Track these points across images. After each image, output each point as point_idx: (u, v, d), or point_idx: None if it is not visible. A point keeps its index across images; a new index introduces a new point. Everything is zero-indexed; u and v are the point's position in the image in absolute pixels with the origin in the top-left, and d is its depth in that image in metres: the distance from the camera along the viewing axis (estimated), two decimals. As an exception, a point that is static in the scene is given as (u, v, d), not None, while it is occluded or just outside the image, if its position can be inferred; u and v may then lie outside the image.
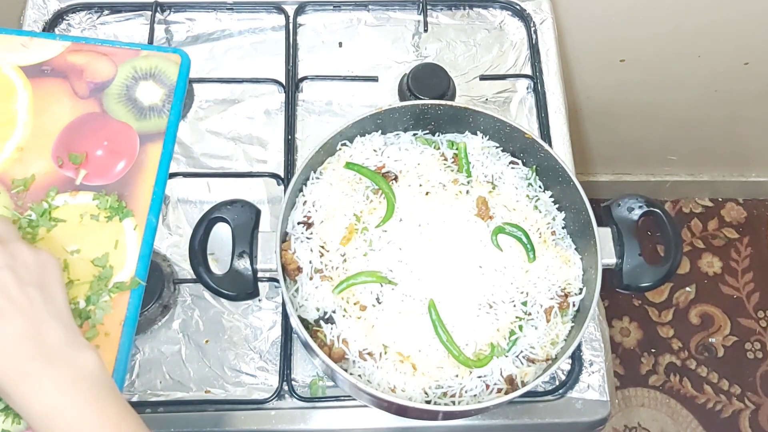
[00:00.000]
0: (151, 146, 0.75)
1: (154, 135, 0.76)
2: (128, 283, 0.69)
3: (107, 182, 0.73)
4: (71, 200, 0.72)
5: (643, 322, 1.90)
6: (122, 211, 0.72)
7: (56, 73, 0.77)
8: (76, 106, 0.76)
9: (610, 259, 0.82)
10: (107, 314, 0.68)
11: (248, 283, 0.79)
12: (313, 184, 0.86)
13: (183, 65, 0.79)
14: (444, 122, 0.90)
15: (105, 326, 0.68)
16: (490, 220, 0.84)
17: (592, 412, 0.90)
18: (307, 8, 1.12)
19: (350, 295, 0.80)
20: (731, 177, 1.95)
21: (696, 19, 1.30)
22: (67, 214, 0.72)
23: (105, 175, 0.74)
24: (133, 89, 0.77)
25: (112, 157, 0.75)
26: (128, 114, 0.76)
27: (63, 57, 0.78)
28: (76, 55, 0.78)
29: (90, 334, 0.67)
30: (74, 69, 0.78)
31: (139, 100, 0.77)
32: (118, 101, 0.77)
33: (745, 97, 1.55)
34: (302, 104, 1.07)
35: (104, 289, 0.69)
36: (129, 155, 0.75)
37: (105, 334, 0.68)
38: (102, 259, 0.70)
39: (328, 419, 0.89)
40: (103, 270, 0.70)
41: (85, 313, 0.68)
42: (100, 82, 0.77)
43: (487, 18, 1.14)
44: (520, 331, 0.80)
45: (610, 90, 1.51)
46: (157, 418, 0.87)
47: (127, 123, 0.76)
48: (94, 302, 0.68)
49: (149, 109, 0.77)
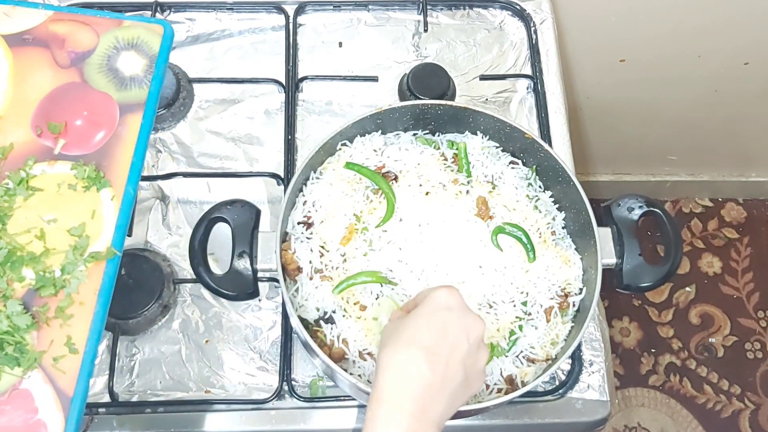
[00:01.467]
0: (131, 117, 0.75)
1: (134, 105, 0.75)
2: (104, 252, 0.70)
3: (86, 152, 0.73)
4: (49, 169, 0.73)
5: (643, 322, 1.90)
6: (100, 181, 0.72)
7: (38, 42, 0.77)
8: (57, 76, 0.76)
9: (610, 259, 0.82)
10: (82, 283, 0.69)
11: (248, 283, 0.79)
12: (313, 184, 0.86)
13: (165, 36, 0.79)
14: (444, 122, 0.90)
15: (80, 295, 0.68)
16: (490, 220, 0.84)
17: (592, 412, 0.90)
18: (307, 8, 1.12)
19: (350, 295, 0.80)
20: (731, 177, 1.95)
21: (696, 19, 1.30)
22: (45, 183, 0.72)
23: (84, 145, 0.74)
24: (115, 59, 0.77)
25: (92, 127, 0.74)
26: (109, 84, 0.76)
27: (45, 26, 0.77)
28: (58, 24, 0.78)
29: (65, 303, 0.68)
30: (56, 38, 0.77)
31: (120, 71, 0.76)
32: (99, 71, 0.76)
33: (745, 97, 1.55)
34: (302, 104, 1.07)
35: (80, 258, 0.69)
36: (108, 125, 0.74)
37: (80, 303, 0.68)
38: (78, 228, 0.70)
39: (328, 419, 0.89)
40: (79, 239, 0.70)
41: (60, 282, 0.68)
42: (81, 52, 0.77)
43: (487, 18, 1.14)
44: (520, 331, 0.80)
45: (610, 90, 1.51)
46: (157, 418, 0.87)
47: (108, 93, 0.76)
48: (70, 271, 0.69)
49: (130, 79, 0.76)
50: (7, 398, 0.65)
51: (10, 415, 0.65)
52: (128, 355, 0.91)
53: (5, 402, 0.65)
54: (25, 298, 0.69)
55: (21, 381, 0.66)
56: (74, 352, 0.67)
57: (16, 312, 0.67)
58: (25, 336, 0.67)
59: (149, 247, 0.96)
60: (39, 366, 0.66)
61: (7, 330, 0.66)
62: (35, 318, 0.68)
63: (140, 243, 0.96)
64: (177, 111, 1.03)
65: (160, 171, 1.00)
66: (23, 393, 0.65)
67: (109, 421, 0.87)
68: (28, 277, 0.69)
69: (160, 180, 0.99)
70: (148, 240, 0.96)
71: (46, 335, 0.68)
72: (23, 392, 0.66)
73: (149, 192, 0.99)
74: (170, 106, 1.01)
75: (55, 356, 0.67)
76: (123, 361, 0.90)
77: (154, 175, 0.99)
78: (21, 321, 0.67)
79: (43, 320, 0.68)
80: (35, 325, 0.67)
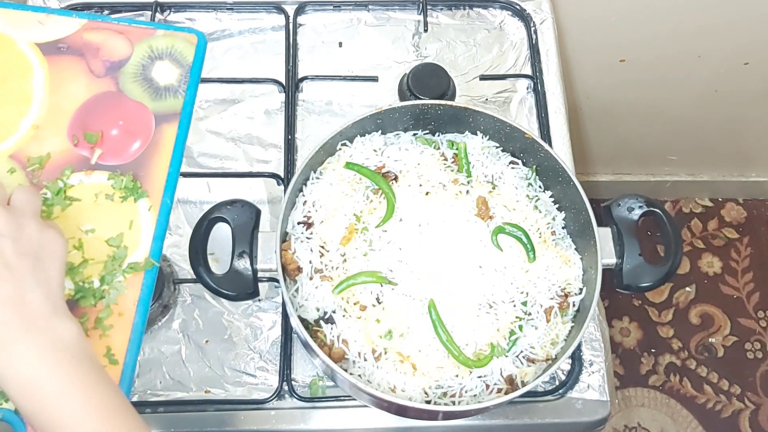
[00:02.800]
0: (166, 127, 0.74)
1: (169, 115, 0.75)
2: (142, 263, 0.69)
3: (122, 162, 0.73)
4: (86, 179, 0.72)
5: (643, 322, 1.90)
6: (137, 192, 0.72)
7: (72, 50, 0.76)
8: (92, 85, 0.76)
9: (610, 259, 0.82)
10: (121, 294, 0.68)
11: (248, 283, 0.79)
12: (313, 184, 0.86)
13: (199, 45, 0.78)
14: (444, 122, 0.90)
15: (119, 306, 0.68)
16: (490, 220, 0.84)
17: (592, 412, 0.90)
18: (307, 8, 1.12)
19: (350, 295, 0.80)
20: (731, 177, 1.95)
21: (696, 19, 1.30)
22: (82, 193, 0.71)
23: (120, 155, 0.73)
24: (149, 69, 0.76)
25: (128, 137, 0.74)
26: (144, 94, 0.76)
27: (79, 35, 0.77)
28: (92, 33, 0.77)
29: (104, 313, 0.67)
30: (90, 47, 0.77)
31: (155, 80, 0.76)
32: (134, 80, 0.76)
33: (745, 97, 1.55)
34: (302, 104, 1.07)
35: (118, 269, 0.69)
36: (144, 135, 0.74)
37: (119, 314, 0.68)
38: (116, 239, 0.70)
39: (328, 419, 0.89)
40: (117, 250, 0.69)
41: (99, 293, 0.68)
42: (116, 61, 0.76)
43: (487, 18, 1.14)
44: (520, 331, 0.80)
45: (610, 90, 1.51)
46: (157, 418, 0.87)
47: (143, 103, 0.75)
48: (109, 282, 0.68)
49: (165, 89, 0.76)
50: None
51: None
52: (128, 355, 0.91)
53: None
54: None
55: None
56: (114, 363, 0.66)
57: None
58: None
59: (149, 247, 0.96)
60: None
61: None
62: None
63: (140, 243, 0.96)
64: (177, 111, 1.03)
65: (160, 171, 1.00)
66: None
67: (109, 421, 0.87)
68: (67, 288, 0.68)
69: (160, 180, 0.98)
70: (148, 240, 0.96)
71: None
72: None
73: (149, 192, 0.99)
74: (170, 106, 1.01)
75: None
76: (123, 361, 0.90)
77: (154, 175, 0.99)
78: None
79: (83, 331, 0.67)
80: None
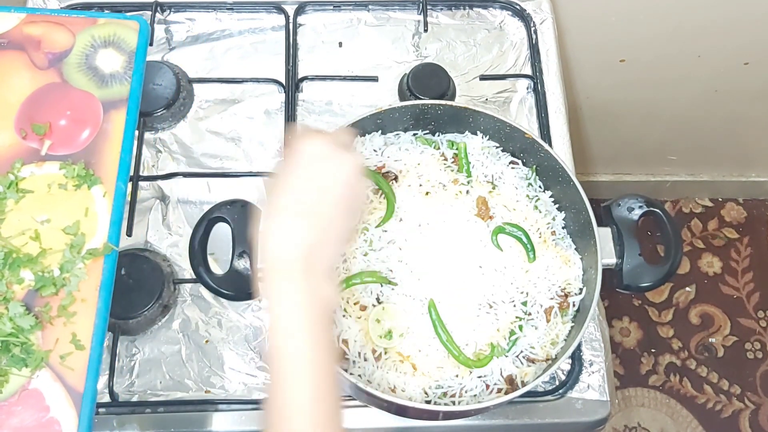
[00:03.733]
0: (114, 113, 0.76)
1: (117, 102, 0.76)
2: (101, 249, 0.70)
3: (73, 151, 0.74)
4: (38, 171, 0.73)
5: (643, 322, 1.90)
6: (90, 179, 0.73)
7: (13, 45, 0.77)
8: (36, 77, 0.77)
9: (610, 259, 0.82)
10: (82, 280, 0.69)
11: (248, 283, 0.78)
12: (313, 184, 0.86)
13: (142, 31, 0.79)
14: (444, 122, 0.90)
15: (81, 292, 0.69)
16: (490, 220, 0.84)
17: (592, 412, 0.90)
18: (307, 8, 1.12)
19: (350, 295, 0.80)
20: (731, 177, 1.95)
21: (696, 19, 1.30)
22: (35, 184, 0.73)
23: (70, 144, 0.74)
24: (93, 57, 0.78)
25: (76, 126, 0.75)
26: (90, 82, 0.77)
27: (19, 29, 0.78)
28: (32, 27, 0.78)
29: (66, 301, 0.68)
30: (31, 40, 0.78)
31: (99, 68, 0.77)
32: (79, 70, 0.77)
33: (745, 97, 1.55)
34: (302, 104, 1.07)
35: (77, 256, 0.70)
36: (93, 123, 0.75)
37: (82, 300, 0.69)
38: (73, 227, 0.71)
39: (328, 419, 0.89)
40: (75, 238, 0.71)
41: (60, 281, 0.69)
42: (58, 52, 0.77)
43: (487, 18, 1.14)
44: (520, 331, 0.80)
45: (610, 90, 1.51)
46: (157, 418, 0.87)
47: (89, 91, 0.76)
48: (69, 270, 0.69)
49: (110, 76, 0.77)
50: (18, 399, 0.66)
51: (22, 415, 0.65)
52: (128, 355, 0.91)
53: (16, 403, 0.66)
54: (26, 299, 0.69)
55: (30, 381, 0.66)
56: (80, 348, 0.68)
57: (18, 313, 0.67)
58: (30, 336, 0.67)
59: (149, 247, 0.96)
60: (46, 365, 0.67)
61: (11, 332, 0.67)
62: (38, 318, 0.68)
63: (140, 243, 0.96)
64: (177, 111, 1.03)
65: (160, 171, 1.00)
66: (33, 393, 0.66)
67: (109, 421, 0.87)
68: (27, 279, 0.70)
69: (160, 180, 0.98)
70: (148, 240, 0.96)
71: (51, 334, 0.68)
72: (33, 392, 0.66)
73: (149, 192, 0.99)
74: (170, 106, 1.01)
75: (62, 354, 0.67)
76: (123, 361, 0.90)
77: (154, 175, 0.99)
78: (24, 322, 0.67)
79: (47, 320, 0.68)
80: (39, 325, 0.68)
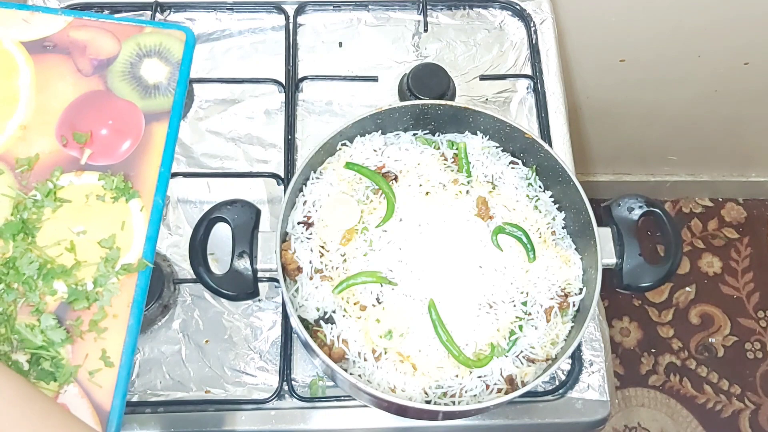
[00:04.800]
0: (156, 125, 0.73)
1: (159, 114, 0.74)
2: (136, 264, 0.68)
3: (113, 162, 0.72)
4: (76, 180, 0.71)
5: (643, 322, 1.90)
6: (128, 192, 0.71)
7: (59, 49, 0.75)
8: (80, 84, 0.75)
9: (610, 259, 0.82)
10: (115, 296, 0.67)
11: (248, 283, 0.79)
12: (313, 184, 0.86)
13: (188, 42, 0.77)
14: (444, 122, 0.90)
15: (113, 308, 0.67)
16: (490, 220, 0.84)
17: (592, 412, 0.90)
18: (307, 8, 1.12)
19: (350, 295, 0.80)
20: (731, 177, 1.95)
21: (696, 19, 1.30)
22: (73, 194, 0.71)
23: (110, 154, 0.72)
24: (138, 67, 0.75)
25: (117, 136, 0.73)
26: (133, 92, 0.75)
27: (65, 32, 0.76)
28: (78, 31, 0.76)
29: (98, 316, 0.67)
30: (77, 45, 0.76)
31: (143, 78, 0.75)
32: (123, 79, 0.75)
33: (745, 97, 1.55)
34: (302, 104, 1.07)
35: (111, 270, 0.68)
36: (134, 135, 0.73)
37: (113, 316, 0.67)
38: (109, 240, 0.69)
39: (328, 419, 0.89)
40: (110, 251, 0.69)
41: (92, 296, 0.67)
42: (103, 59, 0.75)
43: (487, 18, 1.14)
44: (520, 331, 0.80)
45: (610, 90, 1.51)
46: (157, 418, 0.87)
47: (132, 101, 0.74)
48: (102, 284, 0.68)
49: (154, 87, 0.75)
50: None
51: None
52: (128, 355, 0.91)
53: None
54: (58, 311, 0.67)
55: (58, 396, 0.65)
56: (110, 365, 0.66)
57: (50, 326, 0.66)
58: (60, 350, 0.66)
59: (149, 247, 0.96)
60: (75, 380, 0.65)
61: (42, 345, 0.65)
62: (69, 332, 0.67)
63: (140, 243, 0.96)
64: (177, 111, 1.03)
65: (160, 171, 1.00)
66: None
67: (109, 421, 0.87)
68: (60, 291, 0.68)
69: (160, 180, 0.99)
70: (148, 240, 0.96)
71: (81, 349, 0.66)
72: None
73: (149, 192, 0.99)
74: (170, 106, 1.01)
75: (91, 370, 0.66)
76: (123, 361, 0.90)
77: (154, 175, 0.99)
78: (55, 335, 0.66)
79: (77, 334, 0.67)
80: (70, 339, 0.66)
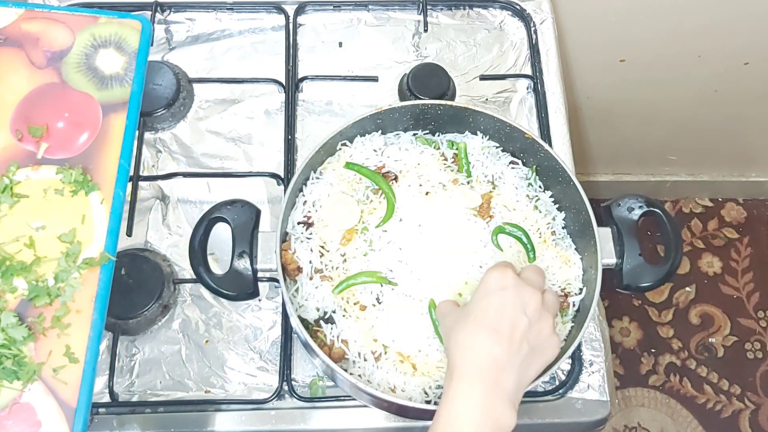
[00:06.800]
0: (114, 117, 0.72)
1: (117, 105, 0.73)
2: (98, 258, 0.68)
3: (70, 155, 0.71)
4: (33, 175, 0.70)
5: (643, 322, 1.90)
6: (87, 185, 0.70)
7: (10, 42, 0.74)
8: (34, 77, 0.73)
9: (610, 259, 0.82)
10: (77, 291, 0.66)
11: (248, 283, 0.78)
12: (313, 184, 0.86)
13: (144, 32, 0.76)
14: (444, 122, 0.90)
15: (76, 303, 0.66)
16: (490, 220, 0.84)
17: (592, 412, 0.90)
18: (307, 8, 1.12)
19: (350, 295, 0.80)
20: (731, 177, 1.95)
21: (696, 19, 1.30)
22: (30, 189, 0.70)
23: (68, 147, 0.71)
24: (93, 58, 0.74)
25: (74, 128, 0.72)
26: (89, 84, 0.74)
27: (17, 25, 0.74)
28: (30, 23, 0.75)
29: (61, 312, 0.66)
30: (29, 37, 0.74)
31: (99, 69, 0.74)
32: (78, 70, 0.74)
33: (745, 97, 1.55)
34: (302, 104, 1.07)
35: (73, 265, 0.67)
36: (92, 126, 0.72)
37: (76, 311, 0.66)
38: (69, 234, 0.68)
39: (328, 419, 0.89)
40: (70, 246, 0.68)
41: (54, 291, 0.66)
42: (57, 51, 0.74)
43: (487, 18, 1.14)
44: (520, 331, 0.80)
45: (610, 90, 1.51)
46: (157, 418, 0.87)
47: (88, 93, 0.73)
48: (63, 279, 0.67)
49: (111, 78, 0.74)
50: (9, 413, 0.64)
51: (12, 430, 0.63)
52: (128, 355, 0.91)
53: (6, 417, 0.64)
54: (19, 309, 0.66)
55: (21, 394, 0.64)
56: (74, 361, 0.65)
57: (11, 324, 0.65)
58: (23, 348, 0.65)
59: (149, 247, 0.96)
60: (39, 378, 0.65)
61: (3, 343, 0.64)
62: (31, 329, 0.66)
63: (140, 243, 0.96)
64: (177, 111, 1.03)
65: (160, 171, 1.00)
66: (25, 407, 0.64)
67: (109, 421, 0.87)
68: (20, 288, 0.67)
69: (160, 180, 0.99)
70: (148, 240, 0.96)
71: (44, 346, 0.66)
72: (25, 406, 0.64)
73: (149, 192, 0.99)
74: (170, 106, 1.01)
75: (55, 367, 0.65)
76: (123, 361, 0.90)
77: (154, 175, 0.99)
78: (17, 333, 0.65)
79: (40, 331, 0.66)
80: (32, 337, 0.65)
